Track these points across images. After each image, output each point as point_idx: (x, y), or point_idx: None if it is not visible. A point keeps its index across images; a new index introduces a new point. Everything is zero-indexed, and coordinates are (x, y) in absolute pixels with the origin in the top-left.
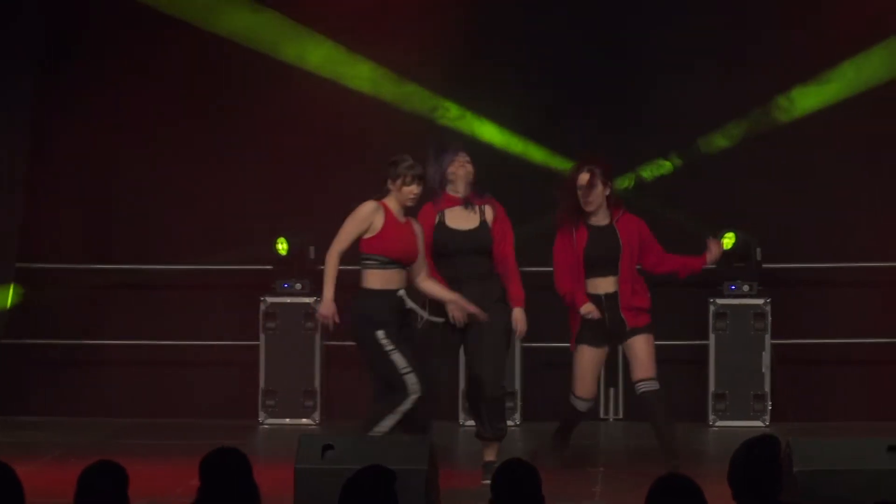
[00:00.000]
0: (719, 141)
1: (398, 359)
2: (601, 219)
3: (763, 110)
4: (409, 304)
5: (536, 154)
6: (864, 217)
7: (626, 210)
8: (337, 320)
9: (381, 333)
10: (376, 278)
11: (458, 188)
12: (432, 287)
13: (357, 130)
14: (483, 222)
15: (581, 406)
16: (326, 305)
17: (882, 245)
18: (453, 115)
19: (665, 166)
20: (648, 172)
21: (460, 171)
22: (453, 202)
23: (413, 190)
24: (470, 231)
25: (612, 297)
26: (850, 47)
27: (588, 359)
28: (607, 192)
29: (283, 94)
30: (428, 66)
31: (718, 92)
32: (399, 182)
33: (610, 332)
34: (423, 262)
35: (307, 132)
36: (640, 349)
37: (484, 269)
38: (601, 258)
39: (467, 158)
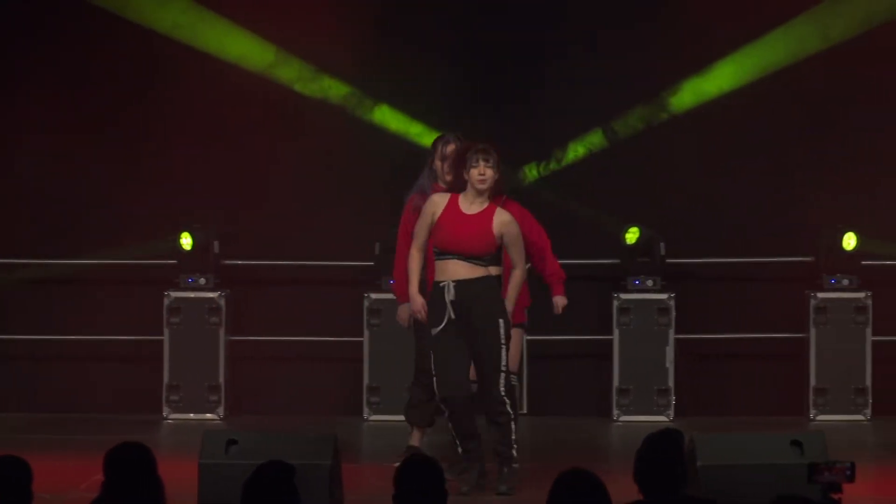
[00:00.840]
0: (621, 129)
1: None
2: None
3: (657, 101)
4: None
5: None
6: (767, 213)
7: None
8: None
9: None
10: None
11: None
12: None
13: (262, 120)
14: None
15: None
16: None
17: (784, 240)
18: (357, 101)
19: (571, 155)
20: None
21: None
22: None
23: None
24: None
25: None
26: (736, 40)
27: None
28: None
29: (184, 85)
30: (336, 54)
31: (611, 83)
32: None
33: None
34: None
35: (212, 123)
36: None
37: None
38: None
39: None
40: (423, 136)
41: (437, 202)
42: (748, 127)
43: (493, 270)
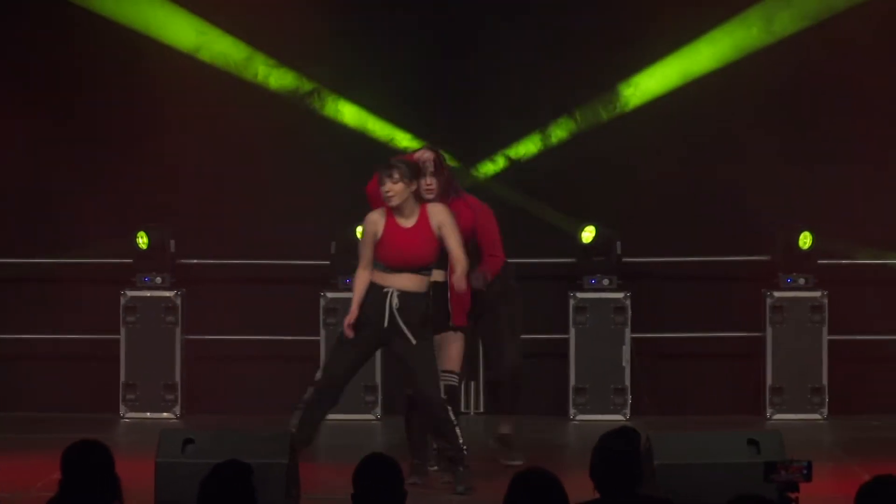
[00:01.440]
0: (566, 127)
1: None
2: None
3: (606, 97)
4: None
5: (403, 139)
6: (723, 212)
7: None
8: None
9: None
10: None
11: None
12: None
13: (218, 118)
14: None
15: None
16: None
17: (740, 240)
18: (316, 95)
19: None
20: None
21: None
22: None
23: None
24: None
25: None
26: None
27: None
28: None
29: (140, 83)
30: (292, 48)
31: (567, 79)
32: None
33: None
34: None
35: (169, 121)
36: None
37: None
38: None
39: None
40: (380, 131)
41: (377, 221)
42: (704, 125)
43: (439, 276)
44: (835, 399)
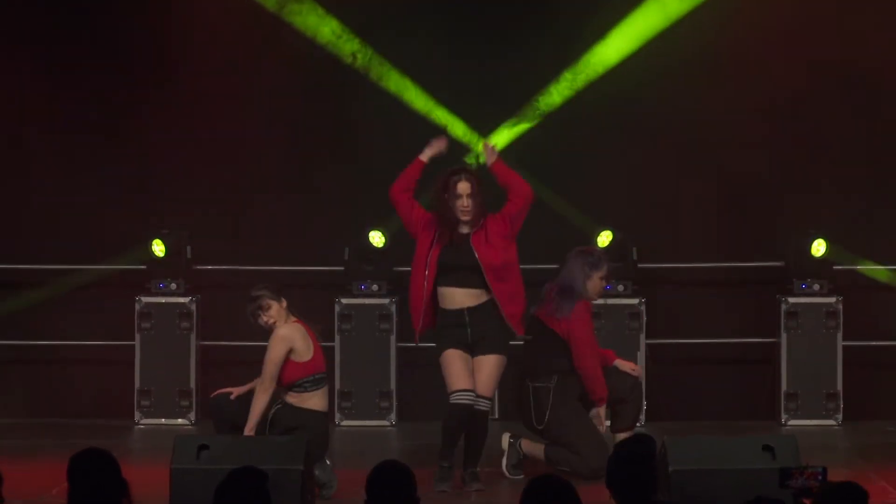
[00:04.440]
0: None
1: None
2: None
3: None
4: None
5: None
6: (738, 217)
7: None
8: None
9: None
10: None
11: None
12: None
13: (234, 126)
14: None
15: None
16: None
17: (755, 245)
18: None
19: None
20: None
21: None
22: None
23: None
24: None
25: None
26: None
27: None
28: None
29: (156, 92)
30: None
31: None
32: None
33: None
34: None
35: (186, 128)
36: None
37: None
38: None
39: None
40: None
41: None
42: (720, 131)
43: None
44: (849, 405)
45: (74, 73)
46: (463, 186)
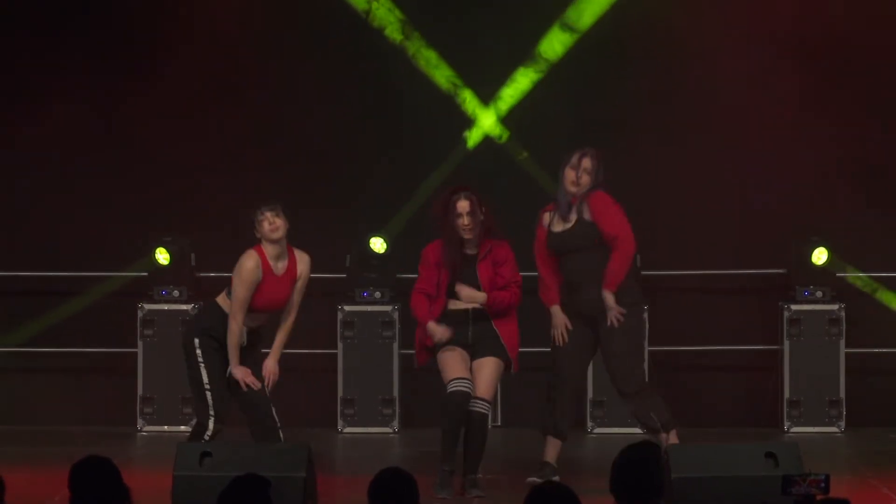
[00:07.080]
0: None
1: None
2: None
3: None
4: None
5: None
6: (740, 224)
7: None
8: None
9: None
10: None
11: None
12: None
13: (237, 131)
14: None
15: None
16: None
17: (757, 252)
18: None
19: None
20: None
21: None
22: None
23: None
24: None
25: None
26: None
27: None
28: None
29: (159, 94)
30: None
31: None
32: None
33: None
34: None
35: (189, 132)
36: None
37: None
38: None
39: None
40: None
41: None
42: (721, 137)
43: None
44: (852, 412)
45: (80, 81)
46: (462, 205)
